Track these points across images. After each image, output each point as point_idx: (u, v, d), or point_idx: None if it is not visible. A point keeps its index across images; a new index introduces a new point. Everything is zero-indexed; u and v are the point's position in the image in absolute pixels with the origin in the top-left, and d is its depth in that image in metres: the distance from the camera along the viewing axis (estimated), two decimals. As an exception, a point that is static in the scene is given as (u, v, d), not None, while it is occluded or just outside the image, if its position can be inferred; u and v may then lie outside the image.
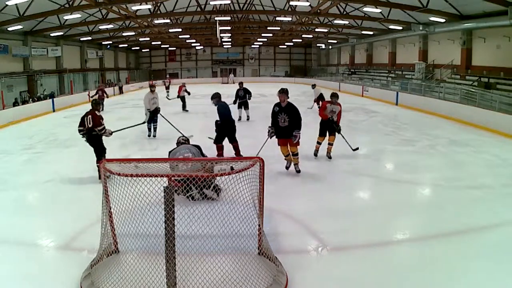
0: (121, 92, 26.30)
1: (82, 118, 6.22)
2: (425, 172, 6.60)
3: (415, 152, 8.00)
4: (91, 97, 16.16)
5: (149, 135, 9.76)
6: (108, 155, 6.08)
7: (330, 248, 3.84)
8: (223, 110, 7.19)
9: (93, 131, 6.10)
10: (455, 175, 6.34)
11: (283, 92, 6.09)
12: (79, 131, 6.30)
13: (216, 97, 7.36)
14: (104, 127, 6.20)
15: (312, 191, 5.63)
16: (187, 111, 15.22)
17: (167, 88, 22.58)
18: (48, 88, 21.69)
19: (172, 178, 3.48)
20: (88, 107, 6.47)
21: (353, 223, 4.44)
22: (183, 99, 15.45)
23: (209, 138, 7.90)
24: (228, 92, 15.69)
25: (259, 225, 3.45)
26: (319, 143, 7.47)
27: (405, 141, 9.12)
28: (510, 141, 9.08)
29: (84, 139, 6.28)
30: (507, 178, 6.11)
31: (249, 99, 12.48)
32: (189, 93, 15.83)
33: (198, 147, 5.57)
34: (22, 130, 11.78)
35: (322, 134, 7.38)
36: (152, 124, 9.72)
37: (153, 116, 9.55)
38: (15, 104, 17.15)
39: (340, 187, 5.81)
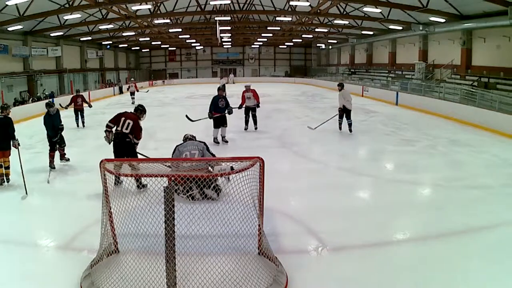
0: (121, 92, 26.31)
1: (118, 117, 5.64)
2: (425, 172, 6.60)
3: (415, 152, 8.00)
4: (65, 107, 11.74)
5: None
6: (108, 155, 6.04)
7: (330, 248, 3.84)
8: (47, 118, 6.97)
9: (127, 138, 5.54)
10: (455, 175, 6.34)
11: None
12: (108, 126, 5.67)
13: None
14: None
15: (312, 191, 5.63)
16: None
17: (133, 94, 19.05)
18: (48, 88, 21.68)
19: (173, 174, 3.46)
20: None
21: (353, 223, 4.44)
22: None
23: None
24: (229, 92, 15.62)
25: (259, 225, 3.45)
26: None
27: (405, 141, 9.12)
28: (510, 141, 9.07)
29: (108, 137, 5.67)
30: (507, 178, 6.11)
31: (230, 113, 8.82)
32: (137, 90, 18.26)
33: (204, 143, 5.58)
34: (22, 130, 11.76)
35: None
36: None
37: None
38: (15, 104, 17.13)
39: (340, 187, 5.81)
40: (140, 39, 30.15)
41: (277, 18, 22.87)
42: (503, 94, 12.10)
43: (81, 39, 25.00)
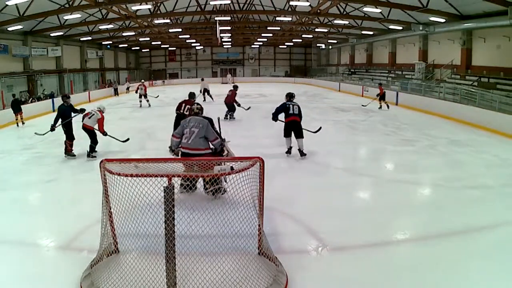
0: (116, 94, 25.72)
1: (180, 104, 7.96)
2: (425, 172, 6.60)
3: (415, 152, 8.00)
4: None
5: None
6: (108, 155, 6.10)
7: (330, 248, 3.84)
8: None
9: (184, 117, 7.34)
10: (455, 175, 6.34)
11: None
12: (176, 112, 7.92)
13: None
14: None
15: (312, 191, 5.63)
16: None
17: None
18: (48, 88, 21.67)
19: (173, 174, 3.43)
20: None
21: (353, 223, 4.44)
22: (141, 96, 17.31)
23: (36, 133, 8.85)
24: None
25: (259, 225, 3.45)
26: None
27: (405, 141, 9.12)
28: (510, 141, 9.08)
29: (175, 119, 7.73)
30: (507, 178, 6.12)
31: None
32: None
33: (210, 120, 5.24)
34: (22, 130, 11.79)
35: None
36: None
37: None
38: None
39: (340, 187, 5.81)
40: (140, 39, 30.13)
41: (277, 18, 22.86)
42: (503, 94, 12.10)
43: (81, 39, 24.98)
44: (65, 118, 7.74)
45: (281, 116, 7.66)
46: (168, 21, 22.92)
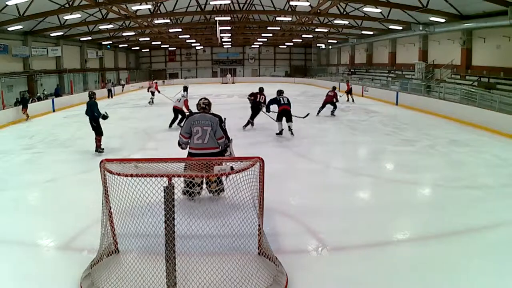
0: (110, 95, 25.23)
1: (256, 94, 10.75)
2: (425, 172, 6.61)
3: (415, 152, 8.00)
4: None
5: None
6: (107, 155, 6.11)
7: (330, 248, 3.84)
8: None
9: (259, 104, 10.54)
10: (455, 175, 6.34)
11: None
12: (248, 98, 10.96)
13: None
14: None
15: (312, 191, 5.63)
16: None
17: (153, 94, 18.92)
18: (48, 88, 21.66)
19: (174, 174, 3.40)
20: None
21: (353, 223, 4.43)
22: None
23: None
24: (228, 92, 15.61)
25: (259, 225, 3.45)
26: None
27: (405, 141, 9.12)
28: (510, 141, 9.08)
29: (250, 104, 10.76)
30: (507, 178, 6.11)
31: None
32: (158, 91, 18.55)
33: (219, 118, 5.06)
34: (22, 130, 11.79)
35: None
36: None
37: None
38: (16, 103, 17.12)
39: (340, 187, 5.81)
40: (140, 39, 30.14)
41: (277, 18, 22.87)
42: (503, 94, 12.10)
43: (81, 39, 24.98)
44: (94, 115, 7.87)
45: (273, 108, 9.72)
46: (168, 21, 22.92)
